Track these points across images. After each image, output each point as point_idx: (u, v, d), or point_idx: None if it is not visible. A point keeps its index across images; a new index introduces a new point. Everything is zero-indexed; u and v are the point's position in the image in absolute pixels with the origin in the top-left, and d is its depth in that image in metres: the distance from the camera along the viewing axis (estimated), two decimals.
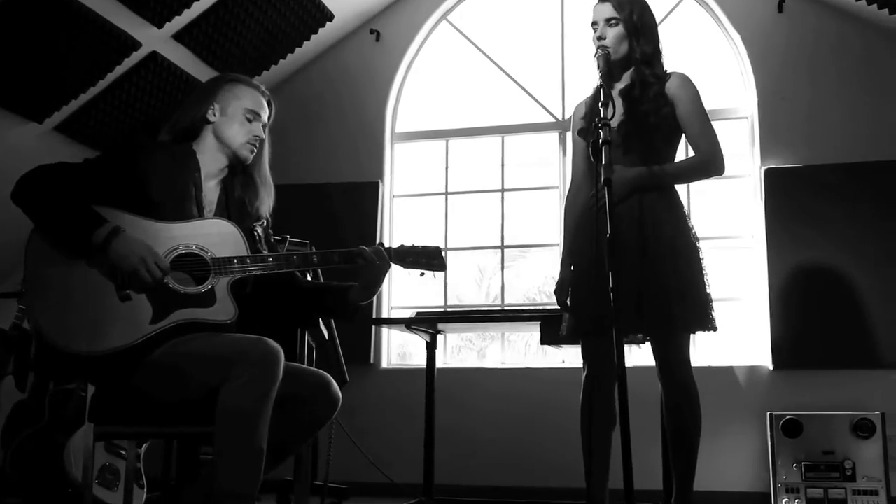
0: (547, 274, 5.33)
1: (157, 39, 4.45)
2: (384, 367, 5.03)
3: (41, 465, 3.54)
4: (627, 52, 2.85)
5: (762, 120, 4.71)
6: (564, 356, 4.78)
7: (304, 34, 5.03)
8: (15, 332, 3.89)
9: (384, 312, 5.09)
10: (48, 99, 4.37)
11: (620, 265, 2.64)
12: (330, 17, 5.02)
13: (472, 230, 5.33)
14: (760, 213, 4.61)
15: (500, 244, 5.20)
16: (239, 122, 2.59)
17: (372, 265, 2.55)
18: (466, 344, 6.81)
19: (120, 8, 4.15)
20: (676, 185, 2.89)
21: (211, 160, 2.60)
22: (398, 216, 5.30)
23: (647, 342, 2.91)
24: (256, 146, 2.64)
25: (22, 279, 2.39)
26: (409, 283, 2.76)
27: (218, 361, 2.24)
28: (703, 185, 4.44)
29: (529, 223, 5.26)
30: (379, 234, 5.06)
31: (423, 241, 5.12)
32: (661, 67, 2.89)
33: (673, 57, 2.96)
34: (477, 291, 6.67)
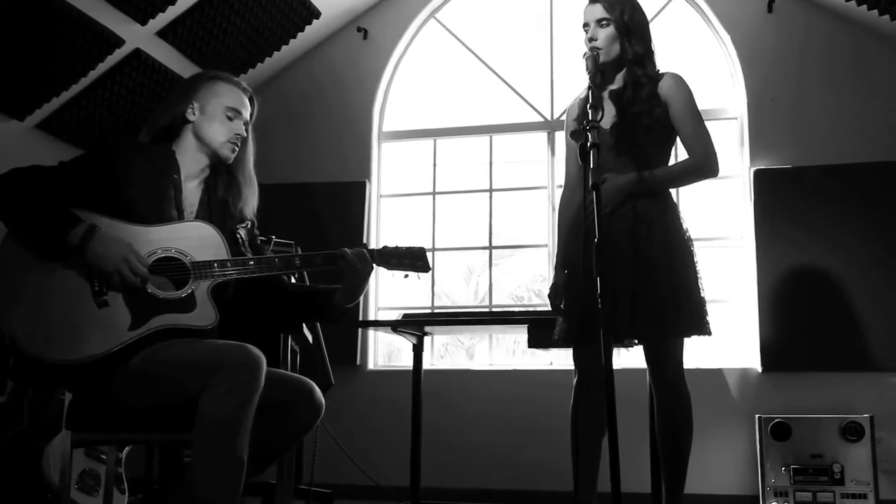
0: (535, 272, 5.31)
1: (140, 36, 4.39)
2: (371, 368, 4.99)
3: (20, 469, 3.48)
4: (619, 52, 2.82)
5: (752, 120, 4.69)
6: (553, 358, 4.75)
7: (290, 32, 4.98)
8: None
9: (371, 313, 5.05)
10: (30, 96, 4.31)
11: (614, 269, 2.66)
12: (317, 14, 4.96)
13: (459, 230, 5.29)
14: (749, 214, 4.58)
15: (487, 244, 5.16)
16: (219, 120, 2.53)
17: (354, 267, 2.51)
18: (454, 341, 6.79)
19: (103, 5, 4.09)
20: (671, 189, 2.84)
21: (191, 160, 2.54)
22: (385, 216, 5.25)
23: (637, 345, 2.88)
24: (238, 145, 2.58)
25: None
26: (395, 283, 2.71)
27: (197, 368, 2.19)
28: (692, 185, 4.40)
29: (518, 223, 5.23)
30: (366, 234, 5.01)
31: (410, 240, 5.08)
32: (653, 67, 2.87)
33: (663, 57, 2.94)
34: (465, 289, 6.64)
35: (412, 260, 2.58)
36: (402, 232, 5.27)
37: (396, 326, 3.70)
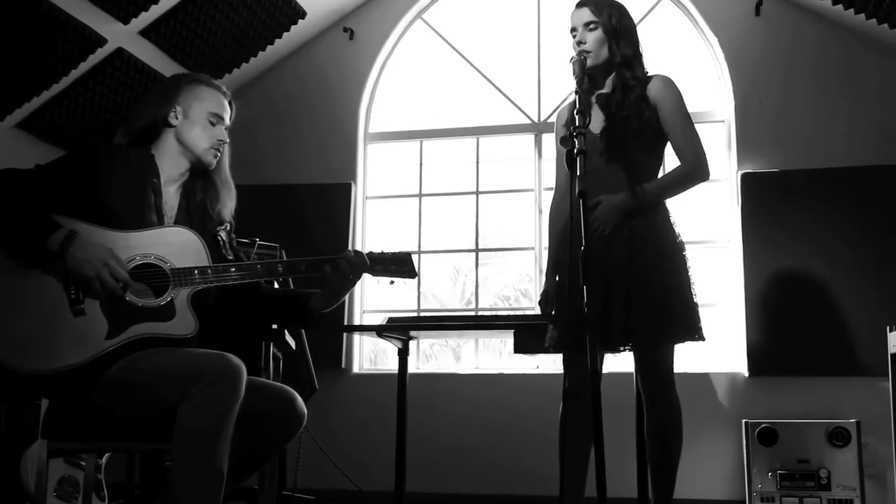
0: (523, 272, 5.29)
1: (123, 35, 4.33)
2: (356, 371, 4.94)
3: None
4: (608, 56, 2.80)
5: (739, 124, 4.67)
6: (539, 361, 4.72)
7: (275, 31, 4.92)
8: None
9: (356, 316, 5.01)
10: (9, 96, 4.24)
11: (608, 275, 2.64)
12: (302, 14, 4.91)
13: (446, 232, 5.26)
14: (737, 217, 4.57)
15: (474, 247, 5.13)
16: (202, 125, 2.49)
17: (345, 276, 2.47)
18: (441, 342, 6.75)
19: (84, 3, 4.03)
20: (666, 199, 2.79)
21: (172, 164, 2.49)
22: (371, 218, 5.21)
23: (627, 351, 2.86)
24: (220, 151, 2.54)
25: None
26: (381, 285, 2.67)
27: (176, 378, 2.14)
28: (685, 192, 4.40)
29: (505, 224, 5.20)
30: (351, 236, 4.97)
31: (396, 242, 5.05)
32: (641, 70, 2.85)
33: (651, 59, 2.92)
34: (452, 288, 6.61)
35: (398, 266, 2.53)
36: (388, 234, 5.23)
37: (381, 331, 3.65)
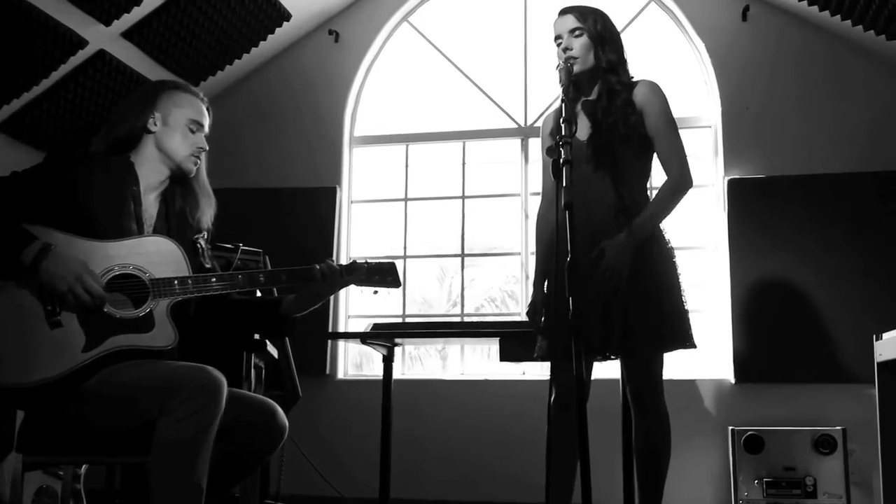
0: (509, 273, 5.26)
1: (104, 37, 4.28)
2: (340, 377, 4.90)
3: None
4: (594, 62, 2.79)
5: (726, 129, 4.66)
6: (525, 367, 4.69)
7: (259, 34, 4.88)
8: None
9: (340, 321, 4.96)
10: None
11: (598, 284, 2.61)
12: (287, 16, 4.86)
13: (432, 236, 5.22)
14: (723, 223, 4.55)
15: (460, 252, 5.09)
16: (182, 133, 2.46)
17: (321, 282, 2.43)
18: (427, 343, 6.71)
19: (65, 5, 3.98)
20: (664, 219, 2.77)
21: (151, 172, 2.46)
22: (356, 222, 5.17)
23: (614, 359, 2.84)
24: (200, 158, 2.51)
25: None
26: (364, 294, 2.63)
27: (155, 392, 2.10)
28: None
29: (491, 228, 5.17)
30: (336, 240, 4.92)
31: (382, 246, 4.99)
32: (627, 75, 2.85)
33: (637, 64, 2.92)
34: (439, 289, 6.58)
35: (382, 275, 2.51)
36: (373, 238, 5.20)
37: (365, 339, 3.62)
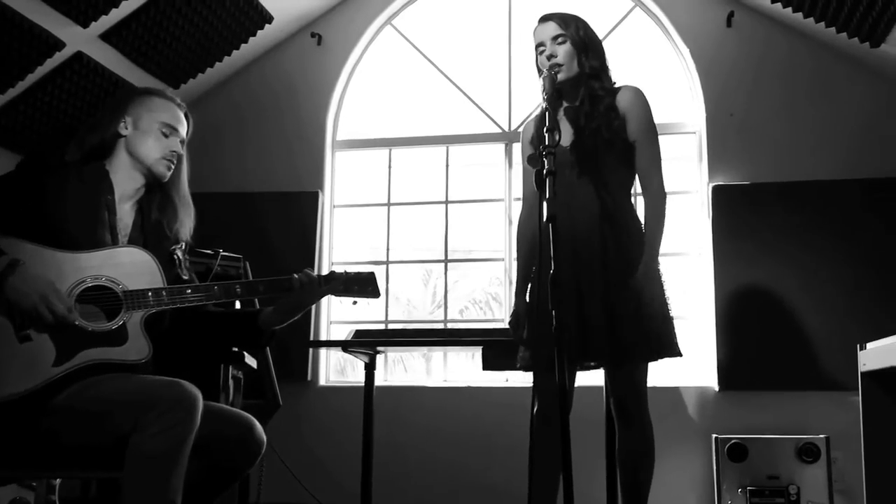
0: (493, 275, 5.23)
1: (82, 39, 4.20)
2: (322, 384, 4.84)
3: None
4: (578, 69, 2.77)
5: (710, 135, 4.64)
6: (508, 374, 4.65)
7: (241, 36, 4.81)
8: None
9: (322, 326, 4.91)
10: None
11: (585, 293, 2.61)
12: (269, 19, 4.80)
13: (415, 240, 5.18)
14: (707, 230, 4.53)
15: (443, 257, 5.05)
16: (154, 136, 2.41)
17: (300, 293, 2.39)
18: (409, 351, 6.67)
19: (41, 6, 3.89)
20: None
21: (125, 179, 2.41)
22: (339, 227, 5.11)
23: (598, 367, 2.82)
24: (174, 163, 2.45)
25: None
26: (343, 304, 2.59)
27: (128, 407, 2.05)
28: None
29: (475, 232, 5.13)
30: (318, 245, 4.87)
31: (364, 250, 4.93)
32: (609, 81, 2.83)
33: (621, 69, 2.91)
34: (423, 291, 6.54)
35: (361, 286, 2.47)
36: (356, 243, 5.14)
37: (347, 347, 3.57)
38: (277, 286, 2.35)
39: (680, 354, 2.69)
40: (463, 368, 5.04)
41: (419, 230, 5.17)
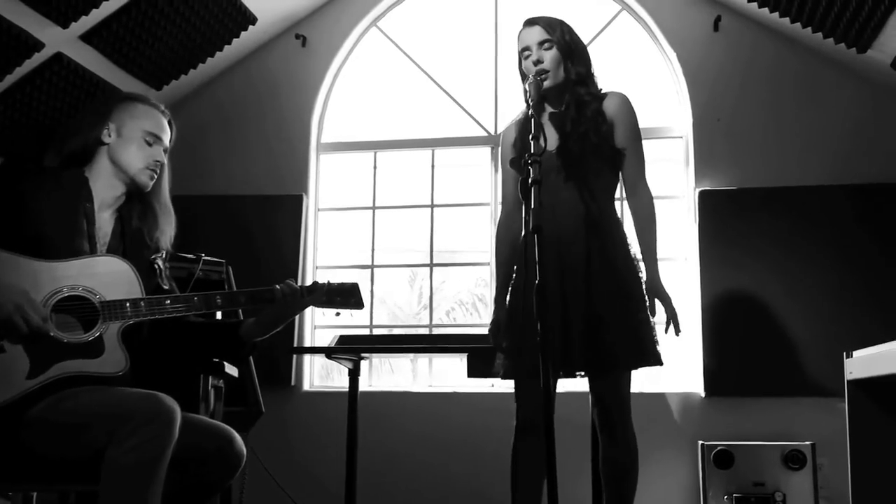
0: (479, 276, 5.19)
1: (61, 40, 4.13)
2: (306, 389, 4.80)
3: None
4: (564, 75, 2.74)
5: (697, 140, 4.62)
6: (494, 380, 4.62)
7: (224, 38, 4.75)
8: None
9: (307, 331, 4.86)
10: None
11: (567, 301, 2.60)
12: (252, 20, 4.75)
13: (401, 241, 5.14)
14: (694, 234, 4.51)
15: (428, 262, 5.01)
16: (137, 144, 2.37)
17: (282, 304, 2.35)
18: (394, 357, 6.61)
19: (20, 6, 3.82)
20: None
21: (106, 187, 2.36)
22: (323, 231, 5.06)
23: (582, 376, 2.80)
24: (157, 172, 2.41)
25: None
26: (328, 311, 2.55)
27: (105, 420, 2.01)
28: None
29: (460, 236, 5.09)
30: (302, 249, 4.82)
31: (349, 254, 4.88)
32: (595, 87, 2.82)
33: (608, 73, 2.90)
34: (409, 292, 6.50)
35: (344, 296, 2.44)
36: (340, 247, 5.10)
37: (331, 353, 3.53)
38: (259, 297, 2.31)
39: (661, 363, 2.68)
40: (450, 370, 5.00)
41: (405, 233, 5.13)
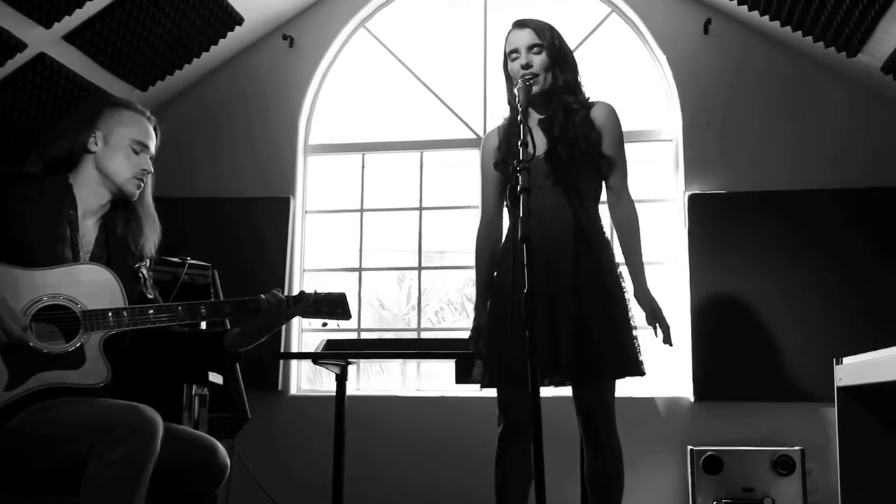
0: (468, 276, 5.16)
1: (44, 40, 4.08)
2: (293, 393, 4.75)
3: None
4: (552, 81, 2.72)
5: (687, 143, 4.60)
6: None
7: (210, 38, 4.70)
8: None
9: (294, 335, 4.82)
10: None
11: (554, 311, 2.58)
12: (239, 20, 4.70)
13: (390, 240, 5.10)
14: (684, 238, 4.50)
15: (417, 265, 4.98)
16: (124, 153, 2.32)
17: (267, 314, 2.31)
18: (382, 361, 6.57)
19: (1, 6, 3.75)
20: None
21: (91, 195, 2.32)
22: (310, 234, 5.02)
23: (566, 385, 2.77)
24: (144, 181, 2.37)
25: None
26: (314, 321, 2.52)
27: (85, 432, 1.96)
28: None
29: (449, 236, 5.06)
30: (290, 252, 4.78)
31: (336, 257, 4.83)
32: (582, 95, 2.81)
33: (598, 75, 2.89)
34: (398, 292, 6.47)
35: (331, 307, 2.40)
36: (328, 250, 5.06)
37: (317, 359, 3.50)
38: (244, 307, 2.27)
39: (644, 374, 2.68)
40: (440, 371, 4.98)
41: (393, 234, 5.10)
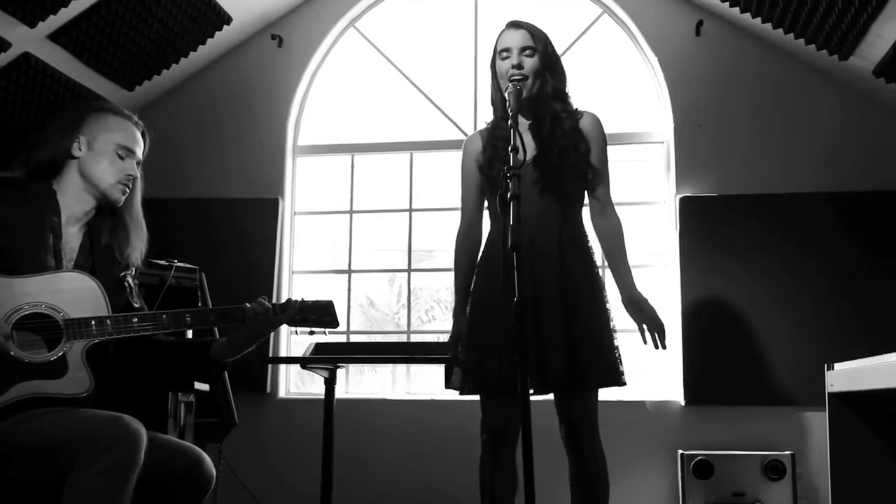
0: None
1: (29, 39, 4.02)
2: (282, 396, 4.71)
3: None
4: (541, 85, 2.69)
5: (678, 146, 4.58)
6: None
7: (198, 38, 4.65)
8: None
9: (282, 338, 4.78)
10: None
11: (540, 321, 2.57)
12: (227, 20, 4.65)
13: (379, 240, 5.06)
14: (675, 241, 4.47)
15: (406, 266, 4.94)
16: (109, 159, 2.28)
17: (253, 322, 2.28)
18: (371, 364, 6.53)
19: None
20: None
21: (75, 201, 2.28)
22: (299, 235, 4.98)
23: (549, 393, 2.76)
24: (129, 187, 2.33)
25: None
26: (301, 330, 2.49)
27: (67, 444, 1.93)
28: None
29: (439, 238, 5.03)
30: (278, 254, 4.73)
31: (326, 258, 4.79)
32: (570, 105, 2.80)
33: (590, 76, 2.87)
34: (389, 290, 6.43)
35: (318, 315, 2.37)
36: (317, 251, 5.02)
37: (306, 363, 3.46)
38: (229, 316, 2.24)
39: (625, 384, 2.68)
40: (431, 372, 4.95)
41: (382, 235, 5.06)
